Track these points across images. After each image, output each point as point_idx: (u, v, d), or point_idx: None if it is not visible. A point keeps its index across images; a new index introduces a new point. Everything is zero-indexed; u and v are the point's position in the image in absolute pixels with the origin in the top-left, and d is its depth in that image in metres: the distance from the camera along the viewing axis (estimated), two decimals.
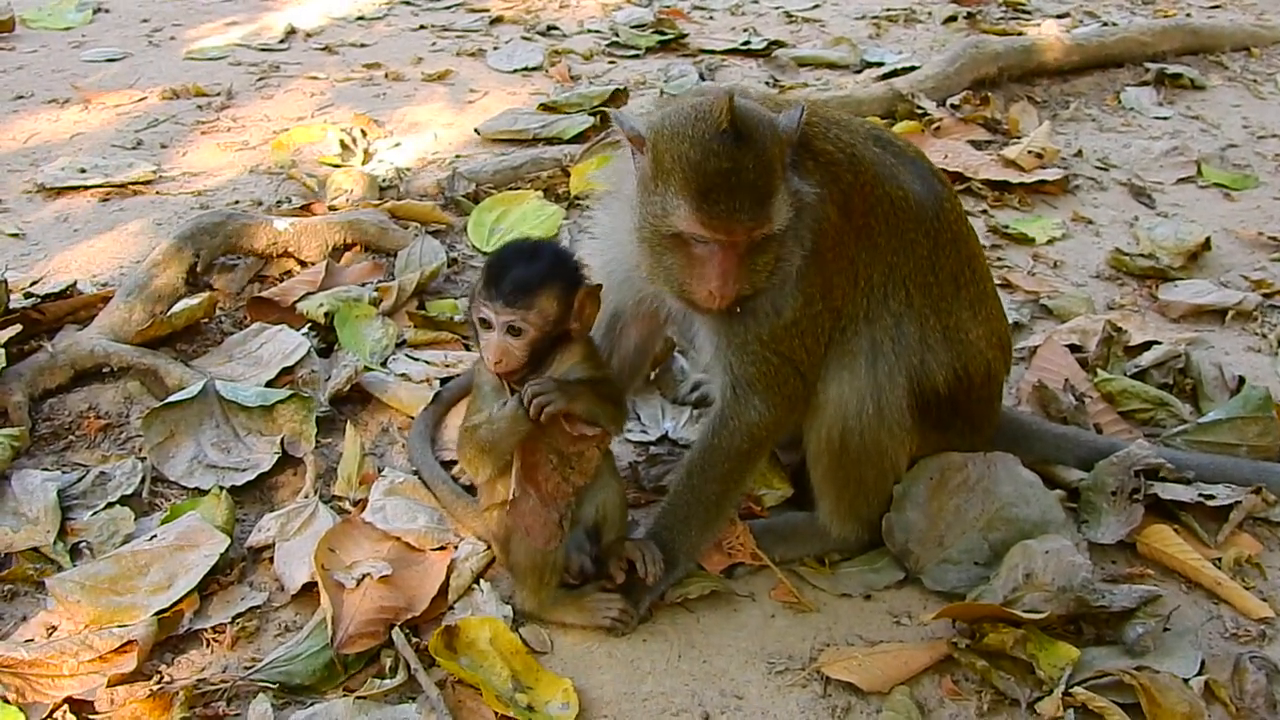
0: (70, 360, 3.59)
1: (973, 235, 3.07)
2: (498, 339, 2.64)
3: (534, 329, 2.63)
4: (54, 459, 3.37)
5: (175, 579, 2.86)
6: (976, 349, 2.96)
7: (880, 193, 2.81)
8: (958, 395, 2.94)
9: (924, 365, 2.88)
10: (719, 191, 2.49)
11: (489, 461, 2.73)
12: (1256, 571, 3.08)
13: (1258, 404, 3.48)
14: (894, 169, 2.86)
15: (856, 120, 2.98)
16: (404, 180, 5.03)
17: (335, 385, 3.59)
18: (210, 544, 2.95)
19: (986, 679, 2.69)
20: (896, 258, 2.85)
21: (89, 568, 2.90)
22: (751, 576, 3.00)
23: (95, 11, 7.71)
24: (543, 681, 2.65)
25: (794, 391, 2.82)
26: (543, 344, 2.67)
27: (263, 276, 4.23)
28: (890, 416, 2.85)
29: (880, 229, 2.82)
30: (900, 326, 2.87)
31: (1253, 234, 5.04)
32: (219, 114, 5.88)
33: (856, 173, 2.78)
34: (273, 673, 2.64)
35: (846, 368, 2.85)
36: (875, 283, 2.84)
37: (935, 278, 2.90)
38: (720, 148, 2.49)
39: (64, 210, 4.77)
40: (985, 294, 3.04)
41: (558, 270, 2.68)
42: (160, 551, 2.93)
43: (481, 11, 7.91)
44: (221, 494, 3.15)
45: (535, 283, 2.62)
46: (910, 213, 2.85)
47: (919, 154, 3.01)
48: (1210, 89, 6.85)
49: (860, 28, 7.77)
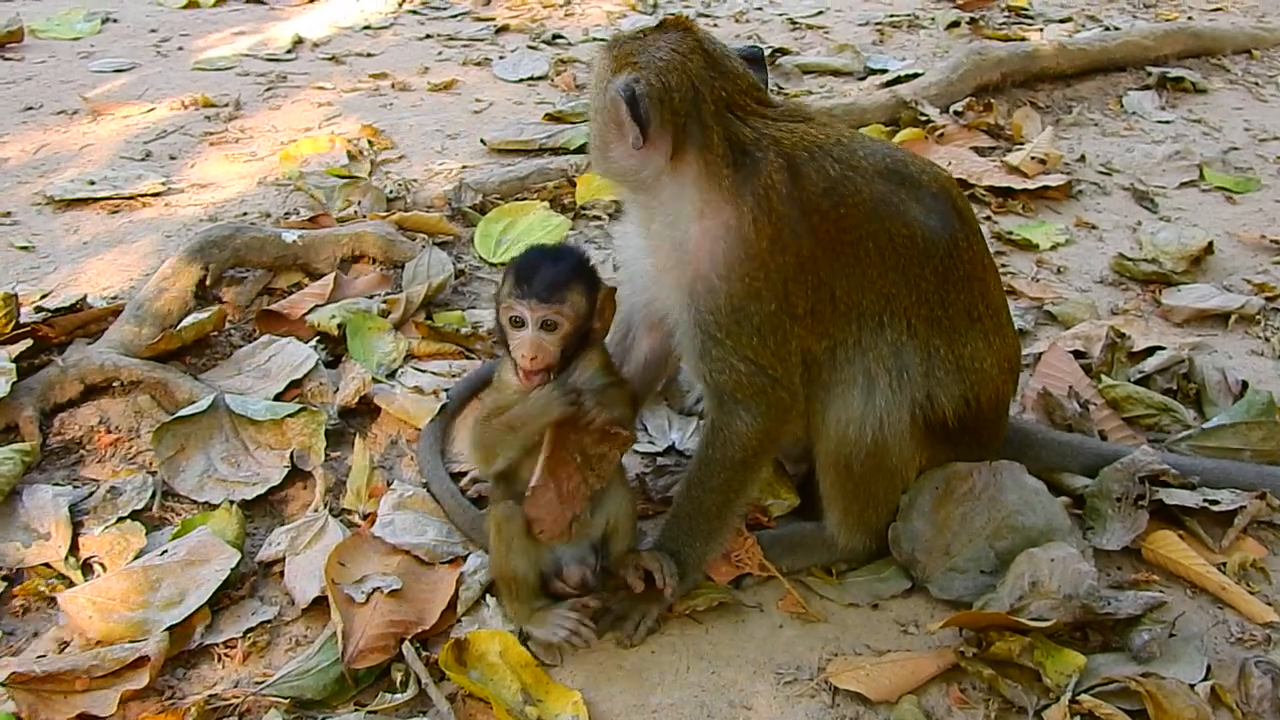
0: (80, 374, 3.61)
1: (990, 271, 3.04)
2: (532, 335, 2.70)
3: (568, 323, 2.71)
4: (64, 473, 3.39)
5: (186, 594, 2.89)
6: (989, 376, 2.97)
7: (875, 228, 2.78)
8: (966, 419, 2.95)
9: (931, 394, 2.88)
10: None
11: (512, 444, 2.77)
12: (1261, 576, 3.09)
13: (1261, 409, 3.49)
14: (901, 205, 2.82)
15: (878, 150, 2.90)
16: (411, 192, 5.06)
17: (344, 397, 3.62)
18: (221, 559, 2.98)
19: (994, 687, 2.70)
20: (895, 289, 2.83)
21: (100, 583, 2.92)
22: (759, 587, 3.02)
23: (104, 22, 7.75)
24: (553, 694, 2.67)
25: (777, 401, 2.81)
26: (572, 342, 2.74)
27: (271, 289, 4.26)
28: (895, 439, 2.86)
29: (873, 261, 2.80)
30: (900, 356, 2.85)
31: (1255, 237, 5.05)
32: (227, 125, 5.91)
33: (835, 203, 2.76)
34: (284, 688, 2.65)
35: (844, 392, 2.86)
36: (867, 311, 2.82)
37: (945, 311, 2.89)
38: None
39: (73, 223, 4.80)
40: (1000, 324, 3.04)
41: (583, 269, 2.79)
42: (171, 567, 2.95)
43: (487, 20, 7.95)
44: (232, 508, 3.18)
45: (566, 279, 2.71)
46: (915, 249, 2.83)
47: (944, 190, 2.93)
48: (1212, 92, 6.87)
49: (864, 34, 7.79)
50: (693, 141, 2.72)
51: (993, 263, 3.09)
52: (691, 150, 2.73)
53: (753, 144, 2.74)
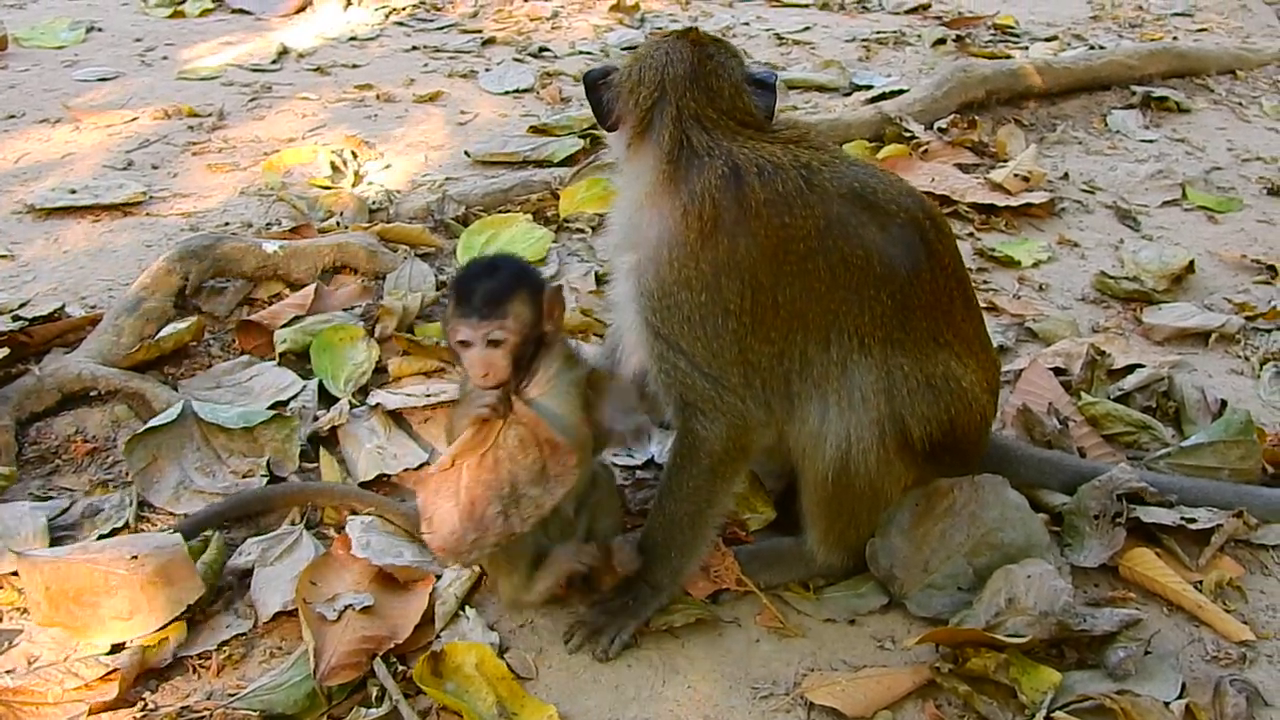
0: (58, 384, 3.59)
1: (959, 302, 3.03)
2: (479, 354, 2.72)
3: (513, 336, 2.72)
4: (40, 483, 3.37)
5: (137, 613, 2.81)
6: (968, 396, 2.96)
7: (825, 244, 2.80)
8: (945, 440, 2.94)
9: (898, 414, 2.87)
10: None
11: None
12: (1237, 594, 3.10)
13: (1239, 428, 3.50)
14: (860, 229, 2.84)
15: (850, 175, 2.90)
16: (394, 203, 5.04)
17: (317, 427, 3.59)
18: (186, 587, 2.86)
19: (969, 703, 2.70)
20: (845, 307, 2.83)
21: (63, 567, 2.84)
22: (736, 602, 3.01)
23: (88, 30, 7.71)
24: (528, 708, 2.66)
25: (729, 407, 2.82)
26: (523, 351, 2.76)
27: (252, 300, 4.24)
28: (864, 458, 2.86)
29: (821, 276, 2.80)
30: (851, 375, 2.85)
31: (1236, 256, 5.08)
32: (210, 134, 5.89)
33: (779, 212, 2.77)
34: (255, 701, 2.63)
35: (803, 406, 2.88)
36: (813, 323, 2.83)
37: (906, 334, 2.89)
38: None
39: (54, 231, 4.78)
40: (973, 350, 3.04)
41: (522, 278, 2.81)
42: (132, 579, 2.83)
43: (474, 33, 7.94)
44: (215, 536, 3.08)
45: (504, 291, 2.73)
46: (869, 272, 2.84)
47: (914, 221, 2.93)
48: (1196, 112, 6.90)
49: (850, 50, 7.82)
50: (651, 136, 2.88)
51: (965, 293, 3.08)
52: (648, 143, 2.89)
53: (705, 151, 2.83)
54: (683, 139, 2.83)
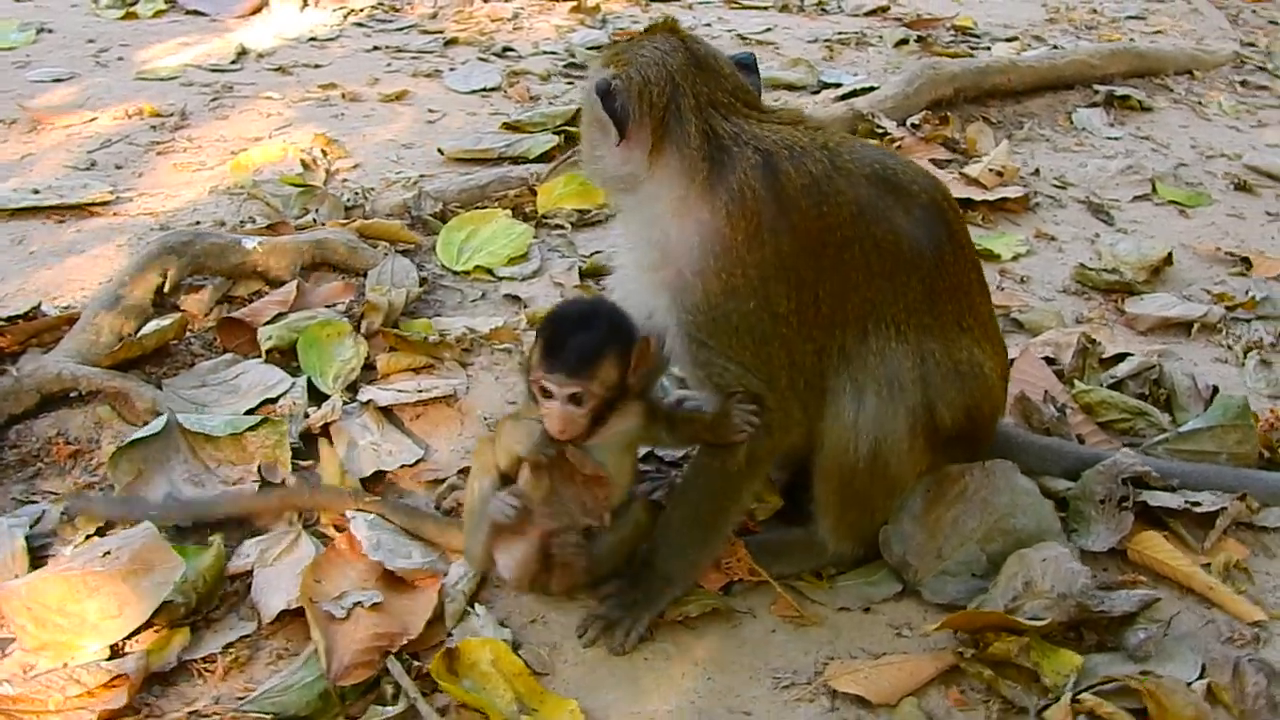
0: (37, 384, 3.46)
1: (977, 285, 3.03)
2: (560, 409, 2.64)
3: (595, 399, 2.64)
4: (22, 488, 3.24)
5: (125, 605, 2.71)
6: (989, 382, 2.96)
7: (859, 231, 2.76)
8: (966, 426, 2.93)
9: (928, 401, 2.84)
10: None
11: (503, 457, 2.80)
12: (1245, 576, 3.11)
13: (1236, 412, 3.52)
14: (888, 212, 2.80)
15: (867, 155, 2.87)
16: (369, 200, 4.95)
17: (309, 424, 3.50)
18: (165, 568, 2.76)
19: (993, 688, 2.68)
20: (881, 296, 2.80)
21: (38, 583, 2.74)
22: (749, 593, 2.97)
23: (39, 32, 7.50)
24: (547, 704, 2.60)
25: (778, 411, 2.78)
26: (604, 410, 2.68)
27: (231, 297, 4.14)
28: (893, 448, 2.83)
29: (858, 265, 2.77)
30: (888, 364, 2.81)
31: (1210, 249, 5.14)
32: (174, 134, 5.75)
33: (816, 201, 2.72)
34: (266, 704, 2.54)
35: (835, 400, 2.82)
36: (851, 316, 2.79)
37: (935, 320, 2.87)
38: None
39: (19, 232, 4.62)
40: (989, 334, 3.04)
41: (615, 333, 2.69)
42: (111, 574, 2.73)
43: (435, 34, 7.84)
44: (214, 540, 3.00)
45: (595, 351, 2.63)
46: (900, 257, 2.81)
47: (934, 201, 2.91)
48: (1158, 110, 6.99)
49: (814, 50, 7.82)
50: (671, 137, 2.72)
51: (980, 276, 3.08)
52: (670, 146, 2.72)
53: (731, 139, 2.72)
54: (708, 130, 2.71)
